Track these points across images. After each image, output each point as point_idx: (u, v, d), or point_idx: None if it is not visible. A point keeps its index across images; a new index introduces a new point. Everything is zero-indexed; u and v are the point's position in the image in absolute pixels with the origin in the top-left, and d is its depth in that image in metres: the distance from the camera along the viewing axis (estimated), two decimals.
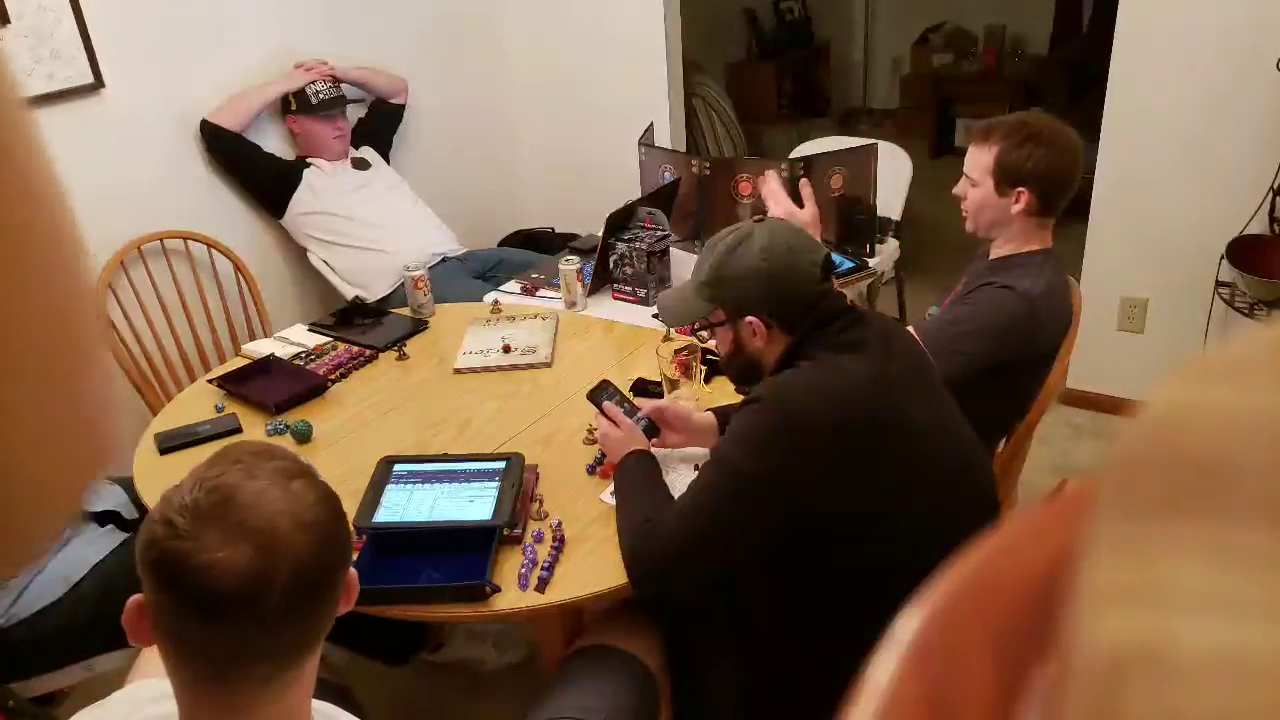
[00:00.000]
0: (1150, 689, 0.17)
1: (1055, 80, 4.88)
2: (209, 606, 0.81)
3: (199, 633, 0.83)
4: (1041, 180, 1.78)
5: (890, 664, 0.24)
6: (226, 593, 0.80)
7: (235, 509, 0.82)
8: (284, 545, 0.82)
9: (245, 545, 0.81)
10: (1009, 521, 0.27)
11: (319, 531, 0.85)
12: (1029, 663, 0.23)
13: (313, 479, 0.90)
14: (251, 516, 0.82)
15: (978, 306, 1.80)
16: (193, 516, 0.82)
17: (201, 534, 0.81)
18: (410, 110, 3.25)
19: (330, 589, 0.87)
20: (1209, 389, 0.20)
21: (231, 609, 0.81)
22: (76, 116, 2.46)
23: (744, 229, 1.42)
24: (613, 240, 2.41)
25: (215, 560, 0.80)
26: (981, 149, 1.84)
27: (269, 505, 0.83)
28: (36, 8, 2.33)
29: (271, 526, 0.82)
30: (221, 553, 0.80)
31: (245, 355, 2.26)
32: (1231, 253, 2.62)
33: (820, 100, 6.15)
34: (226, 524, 0.82)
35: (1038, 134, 1.78)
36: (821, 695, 1.46)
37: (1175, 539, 0.19)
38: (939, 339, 1.74)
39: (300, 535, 0.83)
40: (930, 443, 1.38)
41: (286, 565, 0.81)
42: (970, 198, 1.88)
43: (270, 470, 0.87)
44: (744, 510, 1.32)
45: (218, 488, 0.84)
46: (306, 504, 0.86)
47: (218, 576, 0.80)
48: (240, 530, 0.81)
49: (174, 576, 0.82)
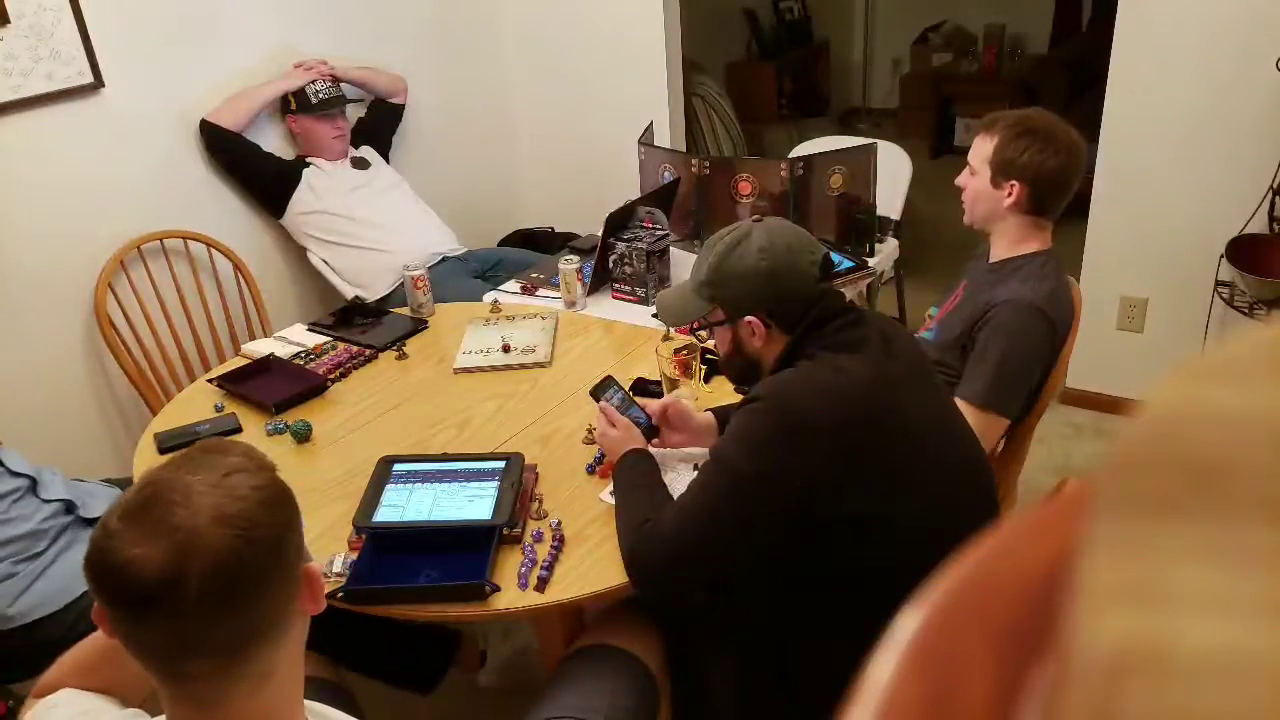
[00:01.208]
0: (1150, 689, 0.17)
1: (1055, 79, 4.88)
2: (128, 603, 0.83)
3: (132, 629, 0.85)
4: (1033, 176, 1.78)
5: (890, 664, 0.24)
6: (141, 590, 0.81)
7: (157, 506, 0.83)
8: (199, 541, 0.81)
9: (160, 542, 0.81)
10: (1009, 521, 0.27)
11: (243, 525, 0.84)
12: (1029, 663, 0.23)
13: (256, 473, 0.89)
14: (171, 513, 0.82)
15: (1011, 343, 1.74)
16: (121, 515, 0.84)
17: (124, 532, 0.82)
18: (410, 110, 3.25)
19: (262, 584, 0.86)
20: (1208, 389, 0.20)
21: (150, 605, 0.82)
22: (76, 116, 2.46)
23: (743, 228, 1.42)
24: (612, 240, 2.41)
25: (132, 557, 0.81)
26: (985, 139, 1.84)
27: (193, 500, 0.83)
28: (36, 8, 2.33)
29: (188, 523, 0.82)
30: (138, 549, 0.81)
31: (245, 355, 2.26)
32: (1231, 252, 2.62)
33: (820, 100, 6.15)
34: (147, 521, 0.83)
35: (1036, 130, 1.78)
36: (821, 695, 1.46)
37: (1174, 539, 0.19)
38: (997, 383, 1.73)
39: (219, 530, 0.82)
40: (930, 442, 1.38)
41: (201, 561, 0.81)
42: (969, 187, 1.88)
43: (210, 465, 0.87)
44: (743, 509, 1.32)
45: (148, 484, 0.86)
46: (236, 498, 0.85)
47: (133, 574, 0.81)
48: (158, 527, 0.82)
49: (97, 575, 0.84)
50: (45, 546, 1.81)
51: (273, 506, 0.88)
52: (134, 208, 2.62)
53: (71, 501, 1.88)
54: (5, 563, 1.76)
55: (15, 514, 1.80)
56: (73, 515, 1.87)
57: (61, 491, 1.88)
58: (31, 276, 2.43)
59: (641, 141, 2.86)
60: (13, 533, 1.78)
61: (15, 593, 1.75)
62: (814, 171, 2.59)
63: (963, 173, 1.90)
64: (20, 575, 1.76)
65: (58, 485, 1.89)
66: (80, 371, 2.58)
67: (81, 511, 1.88)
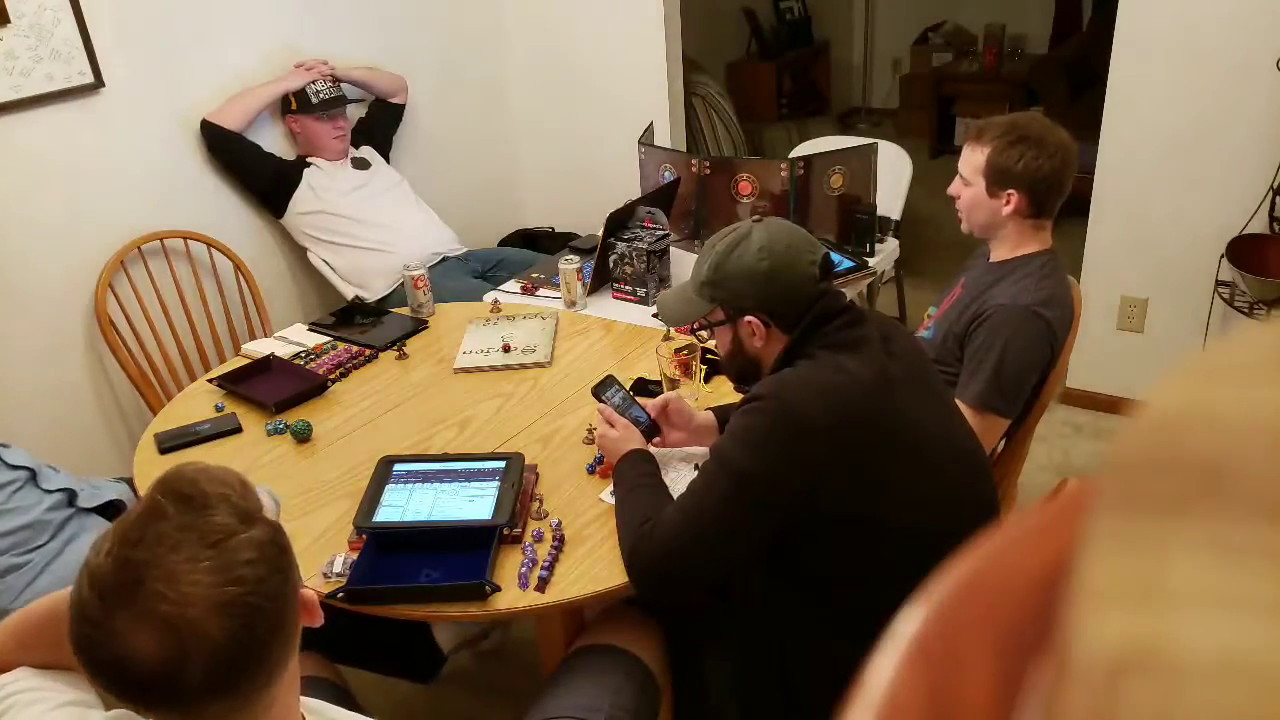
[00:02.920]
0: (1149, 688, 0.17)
1: (1055, 79, 4.87)
2: (127, 692, 0.80)
3: (130, 706, 0.83)
4: (1030, 182, 1.78)
5: (890, 664, 0.24)
6: (143, 682, 0.78)
7: (144, 595, 0.77)
8: (197, 632, 0.77)
9: (153, 635, 0.76)
10: (1009, 522, 0.27)
11: (240, 609, 0.79)
12: (1029, 663, 0.23)
13: (247, 532, 0.82)
14: (160, 603, 0.77)
15: (1009, 346, 1.74)
16: (102, 594, 0.78)
17: (110, 619, 0.77)
18: (410, 110, 3.25)
19: (265, 650, 0.82)
20: (1209, 389, 0.20)
21: (150, 695, 0.79)
22: (76, 116, 2.46)
23: (742, 229, 1.42)
24: (613, 240, 2.41)
25: (128, 651, 0.77)
26: (974, 149, 1.84)
27: (182, 588, 0.77)
28: (36, 7, 2.33)
29: (180, 615, 0.77)
30: (133, 642, 0.77)
31: (245, 355, 2.26)
32: (1231, 252, 2.62)
33: (820, 100, 6.15)
34: (134, 610, 0.77)
35: (1028, 136, 1.79)
36: (821, 695, 1.46)
37: (1174, 538, 0.19)
38: (995, 385, 1.73)
39: (216, 619, 0.78)
40: (930, 441, 1.38)
41: (202, 652, 0.77)
42: (963, 197, 1.88)
43: (197, 534, 0.80)
44: (743, 509, 1.32)
45: (129, 563, 0.79)
46: (232, 579, 0.79)
47: (131, 668, 0.77)
48: (149, 618, 0.77)
49: (89, 660, 0.80)
50: (48, 538, 1.80)
51: (271, 570, 0.82)
52: (134, 208, 2.62)
53: (73, 491, 1.87)
54: (7, 555, 1.75)
55: (15, 504, 1.78)
56: (74, 508, 1.87)
57: (62, 482, 1.87)
58: (32, 276, 2.43)
59: (641, 141, 2.86)
60: (14, 523, 1.77)
61: (20, 587, 1.75)
62: (814, 171, 2.59)
63: (954, 182, 1.90)
64: (25, 568, 1.76)
65: (59, 476, 1.89)
66: (80, 371, 2.58)
67: (81, 501, 1.88)
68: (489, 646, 2.20)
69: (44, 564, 1.78)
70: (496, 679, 2.25)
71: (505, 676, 2.25)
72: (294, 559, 0.88)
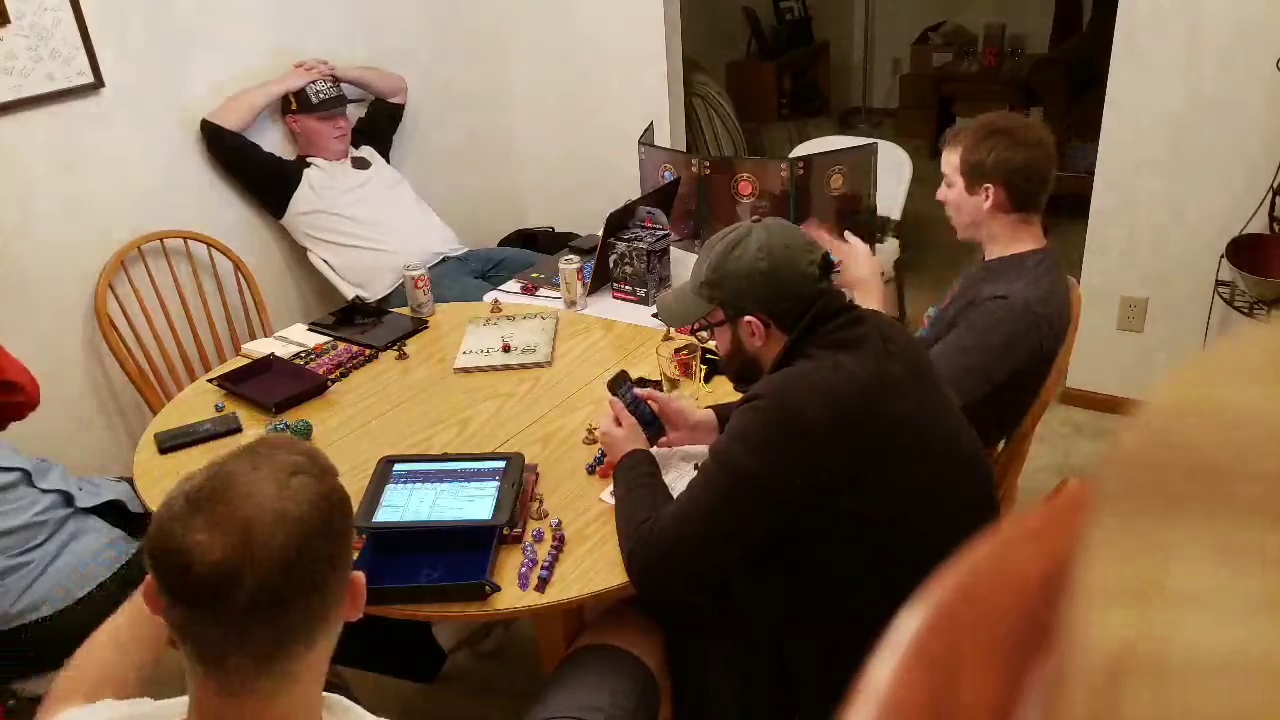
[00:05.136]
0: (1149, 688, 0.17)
1: (1055, 79, 4.87)
2: (183, 589, 0.84)
3: (181, 616, 0.86)
4: (1005, 174, 1.79)
5: (890, 664, 0.24)
6: (199, 578, 0.82)
7: (225, 498, 0.84)
8: (261, 540, 0.83)
9: (223, 534, 0.82)
10: (1009, 522, 0.27)
11: (303, 530, 0.85)
12: (1029, 663, 0.23)
13: (319, 478, 0.90)
14: (238, 508, 0.84)
15: (980, 333, 1.77)
16: (188, 500, 0.85)
17: (190, 517, 0.84)
18: (410, 110, 3.25)
19: (312, 590, 0.87)
20: (1210, 389, 0.20)
21: (204, 595, 0.83)
22: (76, 116, 2.46)
23: (742, 229, 1.42)
24: (613, 240, 2.41)
25: (194, 543, 0.82)
26: (952, 150, 1.87)
27: (258, 498, 0.85)
28: (36, 7, 2.33)
29: (253, 519, 0.83)
30: (200, 536, 0.82)
31: (245, 355, 2.26)
32: (1231, 252, 2.62)
33: (820, 100, 6.15)
34: (214, 512, 0.84)
35: (998, 129, 1.80)
36: (821, 696, 1.47)
37: (1174, 538, 0.19)
38: (953, 370, 1.73)
39: (280, 531, 0.84)
40: (929, 441, 1.38)
41: (262, 559, 0.83)
42: (949, 200, 1.90)
43: (276, 464, 0.88)
44: (743, 508, 1.32)
45: (218, 475, 0.87)
46: (298, 501, 0.86)
47: (194, 561, 0.82)
48: (224, 519, 0.83)
49: (157, 553, 0.85)
50: (44, 539, 1.79)
51: (332, 515, 0.89)
52: (134, 208, 2.62)
53: (69, 493, 1.86)
54: (3, 556, 1.74)
55: (8, 505, 1.77)
56: (72, 508, 1.86)
57: (59, 482, 1.86)
58: (32, 276, 2.43)
59: (641, 141, 2.86)
60: (9, 524, 1.76)
61: (19, 590, 1.74)
62: (814, 171, 2.59)
63: (940, 187, 1.91)
64: (22, 571, 1.75)
65: (55, 476, 1.88)
66: (80, 371, 2.58)
67: (80, 501, 1.87)
68: (489, 646, 2.20)
69: (43, 565, 1.77)
70: (496, 679, 2.25)
71: (505, 676, 2.25)
72: (352, 532, 0.95)
